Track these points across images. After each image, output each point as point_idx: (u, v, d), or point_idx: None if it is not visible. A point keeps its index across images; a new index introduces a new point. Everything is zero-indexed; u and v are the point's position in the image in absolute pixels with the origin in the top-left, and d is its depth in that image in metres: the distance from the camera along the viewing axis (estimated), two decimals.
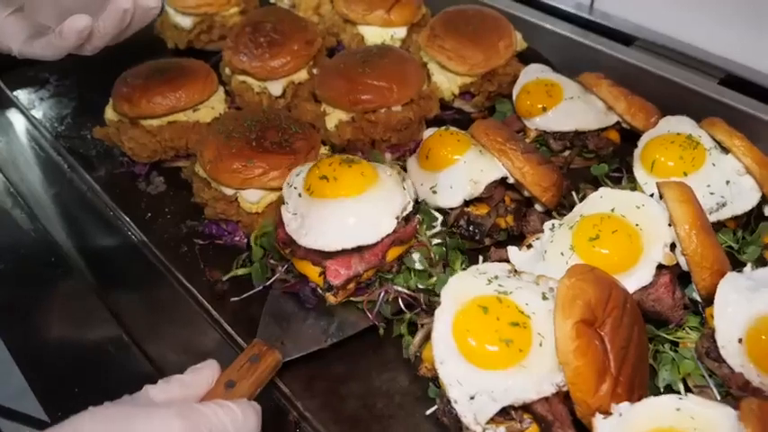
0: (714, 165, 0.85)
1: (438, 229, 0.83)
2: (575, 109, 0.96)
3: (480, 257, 0.83)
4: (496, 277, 0.69)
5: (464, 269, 0.78)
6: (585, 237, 0.73)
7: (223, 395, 0.63)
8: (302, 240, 0.74)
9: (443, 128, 0.90)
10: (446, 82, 1.07)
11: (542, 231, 0.82)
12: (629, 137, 0.97)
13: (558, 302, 0.62)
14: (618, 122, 0.98)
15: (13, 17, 0.71)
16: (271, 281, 0.81)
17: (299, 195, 0.76)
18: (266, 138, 0.85)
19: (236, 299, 0.82)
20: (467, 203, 0.84)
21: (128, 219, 0.92)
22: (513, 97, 1.02)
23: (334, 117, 0.96)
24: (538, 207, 0.88)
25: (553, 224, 0.79)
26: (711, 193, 0.83)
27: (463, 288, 0.68)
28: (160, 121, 0.95)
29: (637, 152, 0.90)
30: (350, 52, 1.03)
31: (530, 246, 0.80)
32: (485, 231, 0.83)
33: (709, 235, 0.73)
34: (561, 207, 0.89)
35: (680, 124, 0.91)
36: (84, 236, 0.95)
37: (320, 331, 0.76)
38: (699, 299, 0.75)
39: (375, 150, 0.93)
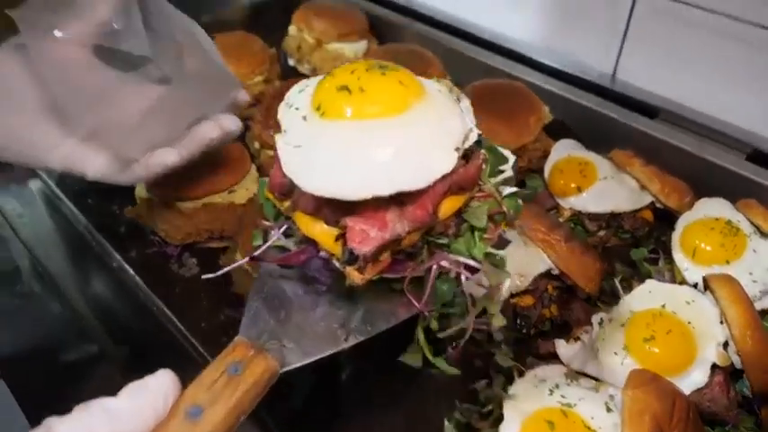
0: (755, 251, 0.86)
1: (509, 173, 0.61)
2: (609, 189, 0.97)
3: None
4: (557, 386, 0.68)
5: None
6: (639, 337, 0.73)
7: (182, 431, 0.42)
8: (309, 184, 0.48)
9: None
10: None
11: (586, 321, 0.83)
12: (662, 215, 0.99)
13: (625, 418, 0.62)
14: (652, 202, 0.98)
15: (87, 144, 0.69)
16: (260, 250, 0.57)
17: (304, 119, 0.51)
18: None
19: (210, 275, 0.61)
20: (512, 295, 0.84)
21: (162, 304, 0.91)
22: (545, 174, 1.03)
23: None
24: (579, 294, 0.88)
25: (601, 318, 0.79)
26: (754, 281, 0.84)
27: (525, 398, 0.67)
28: (194, 203, 0.94)
29: (675, 236, 0.90)
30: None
31: (577, 338, 0.80)
32: (531, 323, 0.83)
33: (763, 333, 0.73)
34: (601, 292, 0.89)
35: (717, 207, 0.91)
36: (116, 318, 0.93)
37: (337, 324, 0.53)
38: (751, 395, 0.75)
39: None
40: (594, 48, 1.22)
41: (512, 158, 0.63)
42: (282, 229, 0.56)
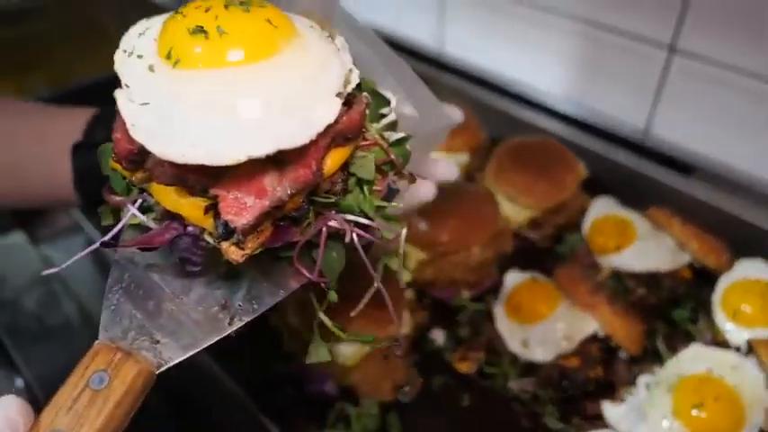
0: None
1: (391, 117, 0.53)
2: (648, 249, 0.99)
3: None
4: None
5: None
6: (688, 403, 0.74)
7: None
8: (167, 150, 0.39)
9: (529, 276, 0.92)
10: (514, 213, 1.09)
11: (630, 381, 0.84)
12: (701, 273, 1.00)
13: None
14: (690, 261, 1.00)
15: None
16: (112, 232, 0.46)
17: (151, 69, 0.42)
18: (354, 291, 0.85)
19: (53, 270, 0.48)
20: (557, 356, 0.85)
21: (209, 357, 0.93)
22: (583, 231, 1.05)
23: (413, 256, 0.97)
24: (622, 354, 0.89)
25: (648, 382, 0.80)
26: None
27: None
28: None
29: (715, 297, 0.91)
30: None
31: (622, 399, 0.81)
32: (578, 385, 0.84)
33: None
34: (644, 352, 0.90)
35: (757, 268, 0.93)
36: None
37: (218, 307, 0.46)
38: None
39: None
40: (627, 102, 1.24)
41: (393, 100, 0.55)
42: (137, 204, 0.46)
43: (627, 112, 1.24)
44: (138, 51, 0.44)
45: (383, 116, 0.54)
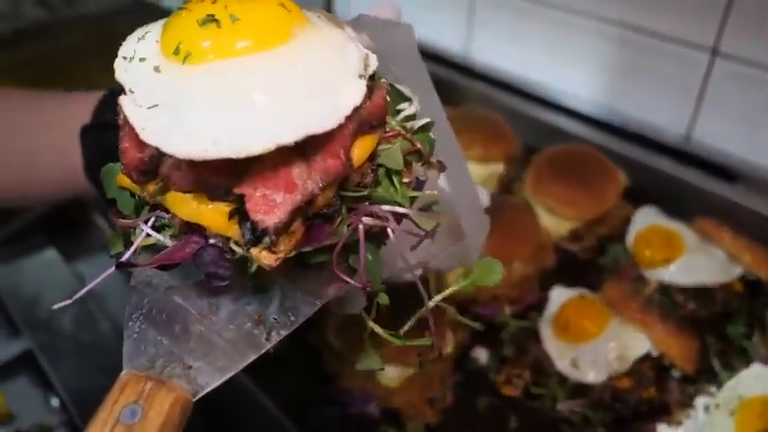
0: None
1: (410, 110, 0.50)
2: (698, 262, 0.95)
3: None
4: None
5: None
6: (752, 428, 0.71)
7: None
8: (186, 148, 0.36)
9: (576, 294, 0.89)
10: (554, 225, 1.06)
11: (685, 401, 0.81)
12: (754, 286, 0.96)
13: None
14: (742, 273, 0.96)
15: None
16: (127, 254, 0.42)
17: (157, 70, 0.39)
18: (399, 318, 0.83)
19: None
20: (609, 377, 0.82)
21: (249, 377, 0.91)
22: (627, 243, 1.01)
23: (454, 272, 0.95)
24: (676, 373, 0.86)
25: (707, 405, 0.77)
26: None
27: None
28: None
29: None
30: None
31: (679, 422, 0.78)
32: (631, 406, 0.81)
33: None
34: (698, 371, 0.87)
35: None
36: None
37: (251, 323, 0.43)
38: None
39: None
40: (667, 108, 1.21)
41: (415, 99, 0.52)
42: (150, 223, 0.43)
43: (667, 117, 1.21)
44: (140, 55, 0.41)
45: (400, 111, 0.50)
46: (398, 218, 0.44)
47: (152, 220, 0.43)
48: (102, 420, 0.36)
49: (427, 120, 0.50)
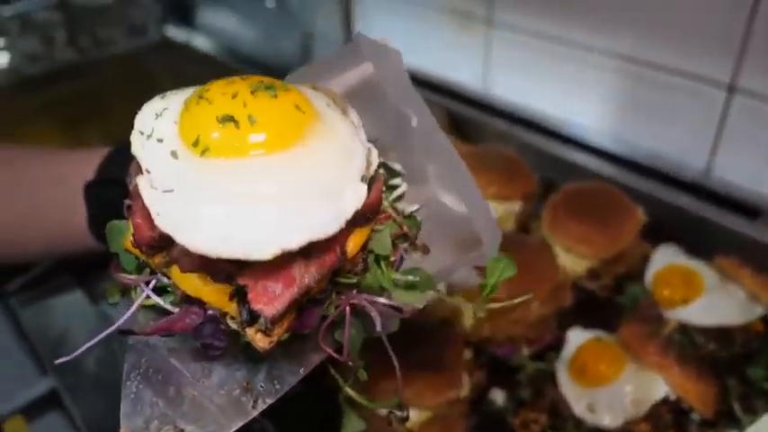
0: None
1: (402, 188, 0.52)
2: (717, 301, 0.94)
3: None
4: None
5: None
6: None
7: None
8: (198, 242, 0.39)
9: (593, 336, 0.89)
10: (572, 264, 1.06)
11: None
12: None
13: None
14: (764, 313, 0.95)
15: None
16: (126, 315, 0.46)
17: (174, 156, 0.42)
18: (413, 352, 0.84)
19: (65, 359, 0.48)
20: (626, 422, 0.81)
21: (266, 419, 0.92)
22: (646, 282, 1.01)
23: (469, 313, 0.95)
24: (694, 416, 0.84)
25: None
26: None
27: None
28: None
29: None
30: None
31: None
32: None
33: None
34: (718, 414, 0.85)
35: None
36: None
37: (240, 390, 0.45)
38: None
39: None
40: (686, 143, 1.20)
41: (401, 171, 0.54)
42: (151, 285, 0.45)
43: (686, 153, 1.20)
44: (158, 135, 0.43)
45: (393, 188, 0.53)
46: (388, 306, 0.47)
47: (153, 282, 0.46)
48: None
49: (416, 206, 0.53)
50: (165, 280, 0.46)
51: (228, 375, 0.46)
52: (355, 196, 0.42)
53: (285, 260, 0.40)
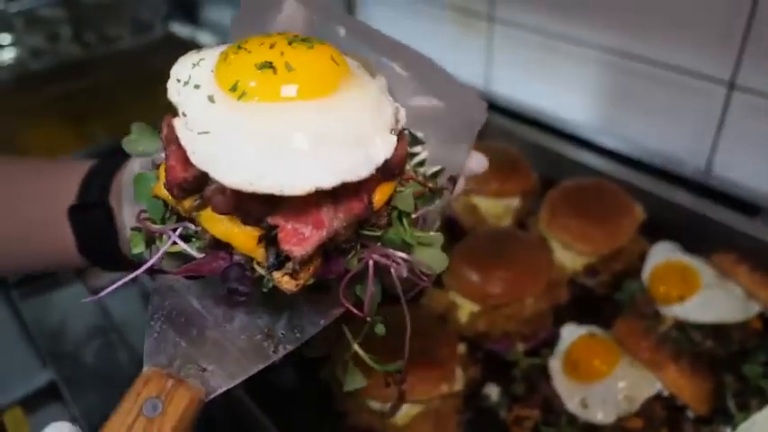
0: None
1: (423, 155, 0.54)
2: (714, 298, 0.93)
3: None
4: None
5: None
6: None
7: None
8: (234, 178, 0.40)
9: (586, 332, 0.88)
10: (569, 261, 1.06)
11: None
12: None
13: None
14: (761, 310, 0.94)
15: None
16: (155, 257, 0.46)
17: (211, 100, 0.43)
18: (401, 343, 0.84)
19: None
20: (619, 418, 0.81)
21: (263, 413, 0.92)
22: (643, 279, 1.00)
23: (466, 308, 0.95)
24: (688, 413, 0.84)
25: None
26: None
27: None
28: None
29: None
30: (476, 237, 1.04)
31: None
32: None
33: None
34: (713, 410, 0.85)
35: None
36: (212, 424, 0.95)
37: (261, 336, 0.46)
38: None
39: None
40: (685, 141, 1.20)
41: (420, 136, 0.55)
42: (178, 232, 0.46)
43: (686, 150, 1.20)
44: (195, 81, 0.45)
45: (413, 155, 0.55)
46: (403, 260, 0.48)
47: (179, 229, 0.47)
48: (125, 410, 0.40)
49: (437, 168, 0.54)
50: (192, 228, 0.46)
51: (250, 322, 0.47)
52: (385, 145, 0.44)
53: (315, 203, 0.42)
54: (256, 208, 0.42)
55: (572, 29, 1.27)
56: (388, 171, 0.46)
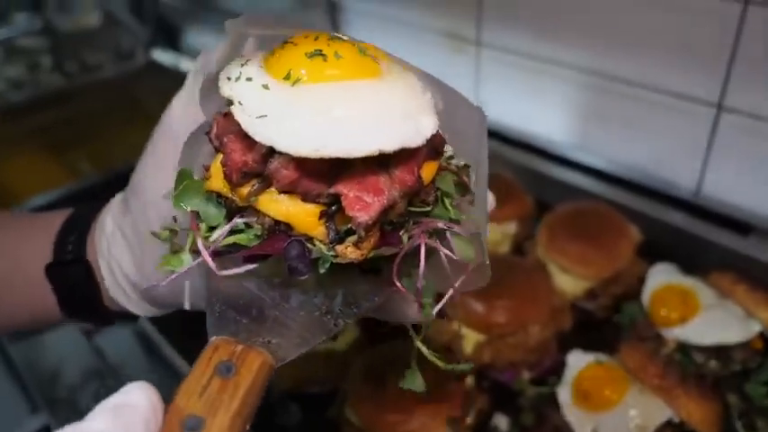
0: None
1: (450, 150, 0.55)
2: (715, 319, 0.94)
3: None
4: None
5: None
6: None
7: None
8: (298, 147, 0.42)
9: (593, 359, 0.88)
10: (569, 285, 1.06)
11: None
12: None
13: None
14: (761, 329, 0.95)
15: None
16: (217, 241, 0.48)
17: (265, 87, 0.45)
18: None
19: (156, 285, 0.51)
20: None
21: None
22: (644, 302, 1.01)
23: (471, 338, 0.95)
24: None
25: None
26: None
27: None
28: None
29: None
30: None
31: None
32: None
33: None
34: None
35: None
36: None
37: (319, 312, 0.48)
38: None
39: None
40: (676, 162, 1.21)
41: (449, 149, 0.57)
42: (230, 226, 0.48)
43: (677, 171, 1.21)
44: (247, 75, 0.47)
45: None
46: (451, 231, 0.50)
47: (233, 222, 0.48)
48: (199, 372, 0.40)
49: (465, 162, 0.56)
50: (242, 223, 0.48)
51: (307, 300, 0.49)
52: (431, 121, 0.46)
53: (372, 173, 0.45)
54: (317, 182, 0.44)
55: (561, 52, 1.29)
56: (433, 148, 0.49)
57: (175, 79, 1.97)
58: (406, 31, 1.55)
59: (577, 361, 0.89)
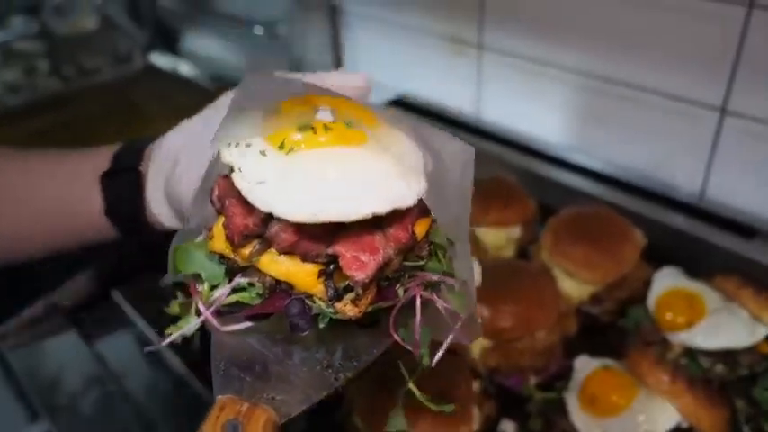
0: None
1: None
2: (721, 323, 0.93)
3: None
4: None
5: None
6: None
7: None
8: (297, 211, 0.44)
9: (600, 364, 0.88)
10: (574, 290, 1.05)
11: None
12: None
13: None
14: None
15: None
16: (218, 302, 0.50)
17: (263, 154, 0.47)
18: (422, 388, 0.82)
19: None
20: None
21: None
22: (649, 306, 1.00)
23: (477, 343, 0.94)
24: None
25: None
26: None
27: None
28: None
29: None
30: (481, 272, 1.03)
31: None
32: None
33: None
34: None
35: None
36: None
37: (320, 367, 0.49)
38: None
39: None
40: (680, 165, 1.21)
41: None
42: (231, 285, 0.50)
43: (680, 174, 1.22)
44: (246, 142, 0.49)
45: None
46: (445, 286, 0.52)
47: (234, 282, 0.51)
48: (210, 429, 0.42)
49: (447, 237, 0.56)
50: (245, 282, 0.50)
51: (309, 356, 0.50)
52: (421, 180, 0.48)
53: (368, 233, 0.47)
54: (315, 243, 0.47)
55: (565, 55, 1.28)
56: (424, 206, 0.50)
57: (174, 83, 1.96)
58: (408, 35, 1.55)
59: (584, 365, 0.89)
